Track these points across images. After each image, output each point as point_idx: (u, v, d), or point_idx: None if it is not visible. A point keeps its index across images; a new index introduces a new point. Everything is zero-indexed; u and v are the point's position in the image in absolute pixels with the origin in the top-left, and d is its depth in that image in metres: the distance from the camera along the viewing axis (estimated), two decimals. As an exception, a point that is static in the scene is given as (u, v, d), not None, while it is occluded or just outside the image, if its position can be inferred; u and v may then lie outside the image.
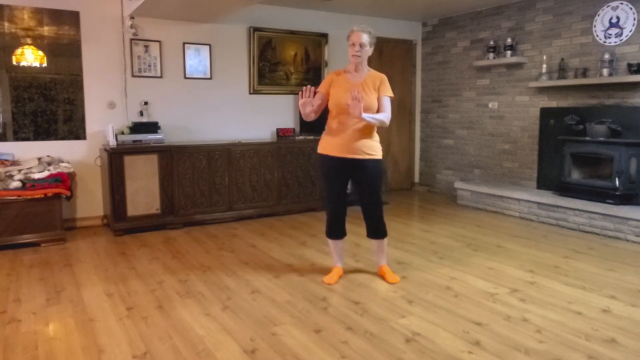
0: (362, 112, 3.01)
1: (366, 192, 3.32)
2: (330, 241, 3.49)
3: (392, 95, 3.29)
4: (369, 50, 3.22)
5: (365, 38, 3.16)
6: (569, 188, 5.12)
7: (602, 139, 4.81)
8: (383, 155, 3.37)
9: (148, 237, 4.67)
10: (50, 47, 4.84)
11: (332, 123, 3.28)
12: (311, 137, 5.82)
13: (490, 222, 5.21)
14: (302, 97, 3.11)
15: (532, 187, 5.74)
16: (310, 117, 3.20)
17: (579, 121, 5.12)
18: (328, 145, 3.28)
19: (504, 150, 6.10)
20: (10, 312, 2.95)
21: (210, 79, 5.67)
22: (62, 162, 4.78)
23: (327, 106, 3.31)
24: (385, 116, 3.22)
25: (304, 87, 3.12)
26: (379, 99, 3.23)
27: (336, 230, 3.42)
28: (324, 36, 6.31)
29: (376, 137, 3.31)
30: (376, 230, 3.43)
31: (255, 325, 2.73)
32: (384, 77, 3.29)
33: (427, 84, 7.13)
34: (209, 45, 5.62)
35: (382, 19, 6.66)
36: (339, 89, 3.22)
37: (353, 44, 3.18)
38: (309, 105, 3.13)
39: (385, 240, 3.50)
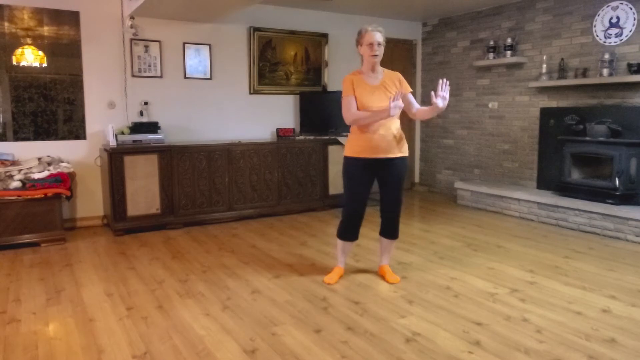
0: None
1: (390, 189, 3.32)
2: (340, 242, 3.46)
3: (411, 90, 3.37)
4: (383, 49, 3.24)
5: (380, 37, 3.18)
6: (569, 188, 5.12)
7: (602, 139, 4.81)
8: None
9: (148, 237, 4.67)
10: (50, 47, 4.84)
11: (360, 125, 3.25)
12: (311, 137, 5.82)
13: (490, 222, 5.21)
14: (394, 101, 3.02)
15: (532, 187, 5.74)
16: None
17: (579, 121, 5.12)
18: (357, 147, 3.24)
19: (504, 150, 6.10)
20: (10, 312, 2.95)
21: (210, 79, 5.67)
22: (62, 162, 4.78)
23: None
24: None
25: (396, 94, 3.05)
26: (404, 97, 3.26)
27: (351, 232, 3.40)
28: (324, 36, 6.31)
29: (403, 134, 3.36)
30: (392, 230, 3.42)
31: (255, 325, 2.73)
32: (399, 75, 3.34)
33: (427, 84, 7.12)
34: (209, 45, 5.62)
35: (382, 19, 6.65)
36: (364, 91, 3.21)
37: (371, 44, 3.15)
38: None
39: (395, 242, 3.50)
